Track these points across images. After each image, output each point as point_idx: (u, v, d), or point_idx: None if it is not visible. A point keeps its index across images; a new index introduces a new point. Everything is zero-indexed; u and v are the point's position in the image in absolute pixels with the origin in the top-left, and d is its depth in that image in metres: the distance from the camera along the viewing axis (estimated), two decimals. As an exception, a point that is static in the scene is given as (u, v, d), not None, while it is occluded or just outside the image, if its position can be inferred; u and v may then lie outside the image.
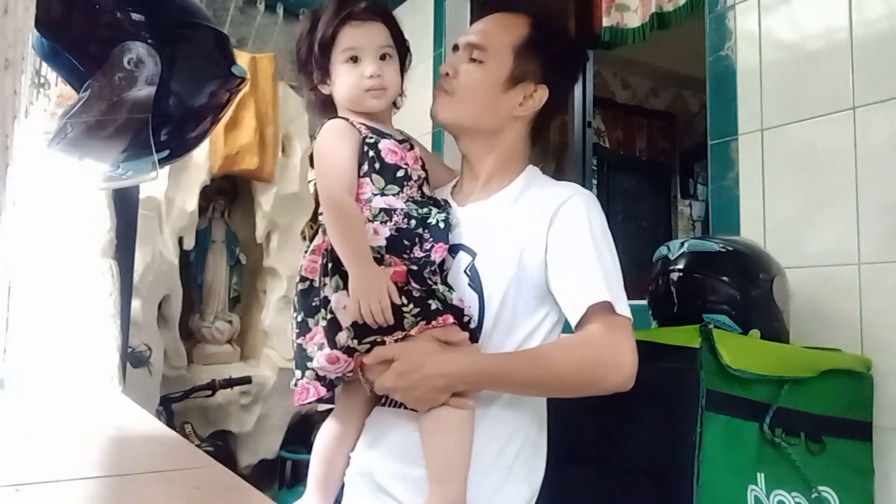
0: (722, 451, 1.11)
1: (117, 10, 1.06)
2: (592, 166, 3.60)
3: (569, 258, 1.04)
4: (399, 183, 1.05)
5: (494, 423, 1.05)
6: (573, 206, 1.06)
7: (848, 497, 1.22)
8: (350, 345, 0.97)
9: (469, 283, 1.06)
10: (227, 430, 2.76)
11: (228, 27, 2.93)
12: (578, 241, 1.04)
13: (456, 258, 1.08)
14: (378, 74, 1.06)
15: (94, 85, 1.03)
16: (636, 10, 2.22)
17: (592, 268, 1.02)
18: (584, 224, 1.05)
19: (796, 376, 1.20)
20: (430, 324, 0.98)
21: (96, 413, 1.27)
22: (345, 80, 1.07)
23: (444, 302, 1.00)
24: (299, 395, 1.02)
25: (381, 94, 1.08)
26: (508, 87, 1.11)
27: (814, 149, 1.53)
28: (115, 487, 0.72)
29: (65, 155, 1.07)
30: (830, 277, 1.47)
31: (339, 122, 1.07)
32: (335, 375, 1.00)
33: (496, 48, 1.11)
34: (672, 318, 1.33)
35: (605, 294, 0.99)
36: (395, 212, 1.02)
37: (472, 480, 0.98)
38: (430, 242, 1.02)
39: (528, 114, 1.14)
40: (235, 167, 2.75)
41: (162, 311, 2.64)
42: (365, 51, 1.06)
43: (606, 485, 1.21)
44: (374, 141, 1.05)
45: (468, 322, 1.02)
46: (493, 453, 1.04)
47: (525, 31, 1.12)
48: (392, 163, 1.05)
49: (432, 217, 1.04)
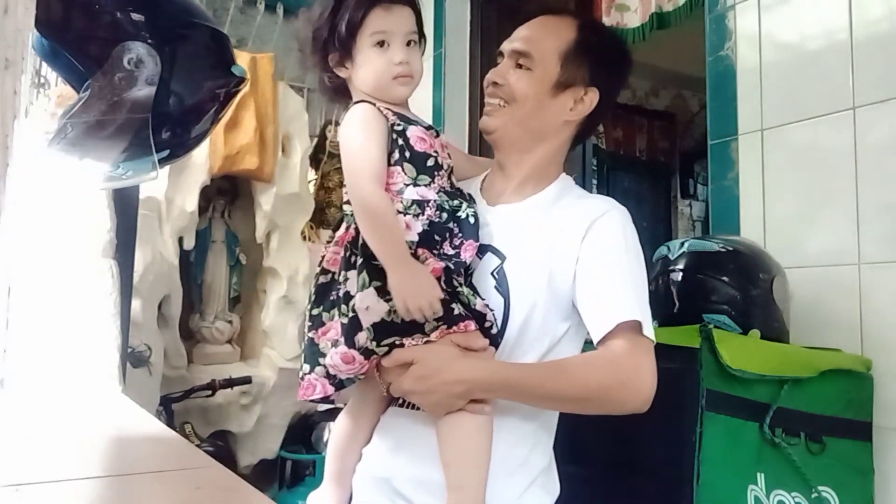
0: (722, 451, 1.11)
1: (117, 10, 1.06)
2: (592, 166, 3.60)
3: (600, 272, 1.01)
4: (430, 173, 1.01)
5: (517, 432, 1.03)
6: (609, 221, 1.04)
7: (848, 497, 1.22)
8: (369, 346, 0.94)
9: (496, 286, 1.03)
10: (227, 430, 2.76)
11: (228, 27, 2.92)
12: (612, 257, 1.01)
13: (483, 259, 1.04)
14: (407, 61, 1.02)
15: (94, 85, 1.03)
16: (636, 10, 2.22)
17: (625, 285, 0.99)
18: (619, 240, 1.02)
19: (796, 376, 1.20)
20: (451, 328, 0.95)
21: (96, 413, 1.27)
22: (373, 65, 1.02)
23: (468, 306, 0.97)
24: (305, 389, 0.99)
25: (408, 81, 1.04)
26: (558, 93, 1.08)
27: (814, 149, 1.53)
28: (115, 487, 0.72)
29: (65, 155, 1.07)
30: (830, 277, 1.47)
31: (367, 107, 1.01)
32: (346, 376, 0.97)
33: (542, 54, 1.08)
34: (672, 318, 1.33)
35: (635, 313, 0.97)
36: (427, 204, 0.98)
37: (494, 486, 0.97)
38: (459, 238, 0.99)
39: (579, 118, 1.11)
40: (235, 167, 2.74)
41: (162, 311, 2.64)
42: (395, 36, 1.02)
43: (607, 485, 1.21)
44: (402, 128, 1.00)
45: (490, 328, 0.99)
46: (516, 461, 1.02)
47: (572, 36, 1.09)
48: (422, 151, 1.01)
49: (462, 211, 1.00)
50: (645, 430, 1.17)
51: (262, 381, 2.75)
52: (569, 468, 1.27)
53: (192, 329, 2.91)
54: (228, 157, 2.71)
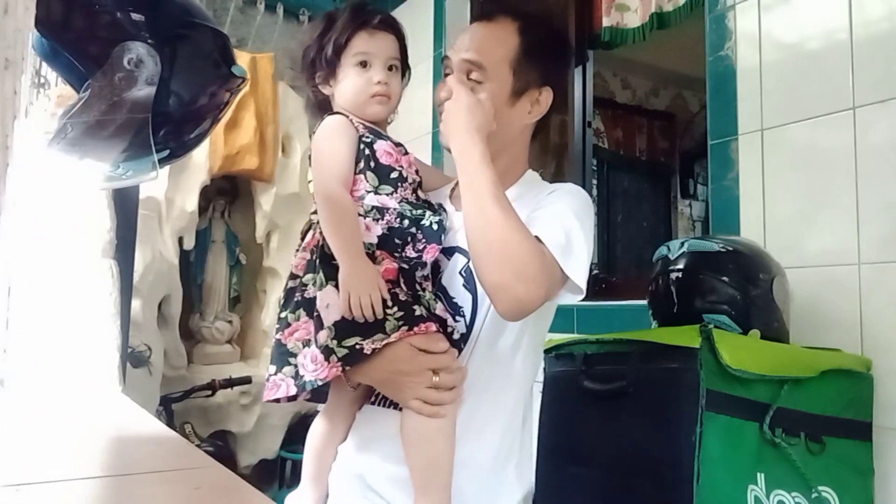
0: (722, 451, 1.11)
1: (117, 10, 1.06)
2: (592, 166, 3.60)
3: (544, 215, 1.03)
4: (393, 183, 1.06)
5: (487, 429, 1.05)
6: (563, 190, 1.09)
7: (848, 497, 1.22)
8: (329, 344, 0.95)
9: (464, 283, 1.07)
10: (227, 430, 2.77)
11: (228, 27, 2.93)
12: (559, 208, 1.04)
13: (452, 259, 1.09)
14: (385, 82, 1.09)
15: (94, 85, 1.03)
16: (636, 10, 2.22)
17: (562, 225, 1.00)
18: (568, 201, 1.06)
19: (796, 376, 1.20)
20: (411, 329, 0.97)
21: (96, 413, 1.27)
22: (352, 83, 1.09)
23: (429, 310, 1.00)
24: (269, 390, 1.01)
25: (385, 101, 1.10)
26: (515, 101, 1.11)
27: (814, 149, 1.53)
28: (115, 487, 0.72)
29: (65, 155, 1.07)
30: (830, 277, 1.47)
31: (339, 117, 1.08)
32: (311, 377, 0.97)
33: (493, 66, 1.09)
34: (672, 318, 1.33)
35: (560, 242, 0.97)
36: (387, 211, 1.03)
37: (469, 483, 1.00)
38: (422, 243, 1.03)
39: (538, 118, 1.14)
40: (235, 167, 2.75)
41: (162, 311, 2.64)
42: (376, 58, 1.09)
43: (606, 485, 1.21)
44: (370, 140, 1.06)
45: (452, 332, 1.02)
46: (488, 457, 1.05)
47: (516, 42, 1.10)
48: (387, 163, 1.06)
49: (426, 219, 1.05)
50: (645, 430, 1.17)
51: (262, 381, 2.74)
52: (569, 468, 1.28)
53: (192, 329, 2.92)
54: (228, 157, 2.72)
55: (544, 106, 1.13)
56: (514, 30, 1.11)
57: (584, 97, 2.42)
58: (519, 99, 1.11)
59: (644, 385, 1.19)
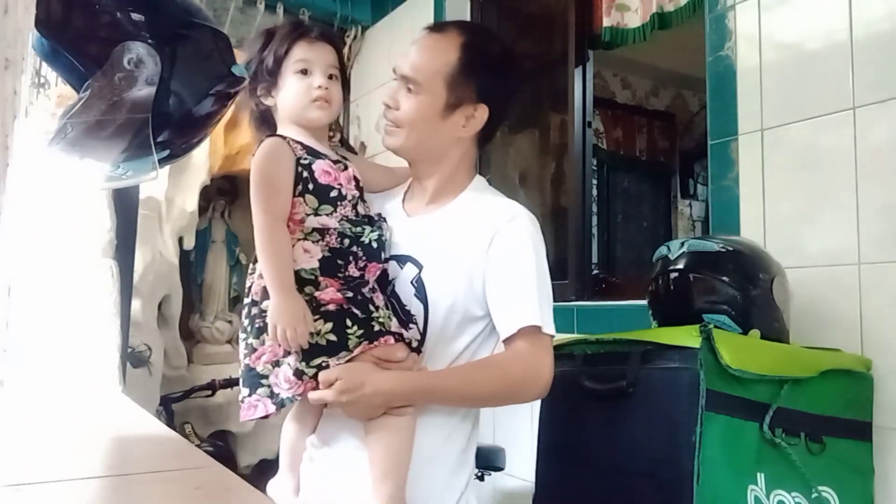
0: (722, 452, 1.11)
1: (117, 10, 1.06)
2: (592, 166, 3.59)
3: (505, 277, 1.10)
4: (333, 203, 1.09)
5: (435, 423, 1.11)
6: (514, 228, 1.12)
7: (848, 497, 1.22)
8: (299, 367, 1.02)
9: (415, 293, 1.12)
10: (227, 430, 2.76)
11: (228, 27, 2.92)
12: (517, 263, 1.10)
13: (404, 269, 1.14)
14: (326, 87, 1.13)
15: (94, 85, 1.03)
16: (636, 10, 2.22)
17: (528, 290, 1.09)
18: (525, 246, 1.11)
19: (796, 376, 1.20)
20: (372, 343, 1.03)
21: (96, 413, 1.28)
22: (294, 89, 1.13)
23: (385, 329, 1.06)
24: (246, 410, 1.07)
25: (325, 105, 1.13)
26: (448, 115, 1.15)
27: (814, 149, 1.53)
28: (115, 487, 0.72)
29: (65, 155, 1.07)
30: (830, 277, 1.47)
31: (275, 141, 1.11)
32: (287, 395, 1.04)
33: (428, 80, 1.14)
34: (672, 318, 1.33)
35: (535, 318, 1.07)
36: (328, 231, 1.07)
37: (419, 475, 1.07)
38: (363, 261, 1.08)
39: (473, 132, 1.18)
40: (235, 167, 2.75)
41: (162, 311, 2.64)
42: (315, 65, 1.13)
43: (606, 485, 1.21)
44: (308, 162, 1.09)
45: (409, 342, 1.08)
46: (433, 448, 1.11)
47: (454, 57, 1.14)
48: (325, 183, 1.09)
49: (365, 236, 1.09)
50: (645, 430, 1.17)
51: (262, 381, 2.75)
52: (569, 468, 1.28)
53: (192, 329, 2.91)
54: (228, 157, 2.72)
55: (479, 121, 1.17)
56: (458, 45, 1.15)
57: (583, 97, 2.41)
58: (453, 113, 1.15)
59: (644, 385, 1.19)
